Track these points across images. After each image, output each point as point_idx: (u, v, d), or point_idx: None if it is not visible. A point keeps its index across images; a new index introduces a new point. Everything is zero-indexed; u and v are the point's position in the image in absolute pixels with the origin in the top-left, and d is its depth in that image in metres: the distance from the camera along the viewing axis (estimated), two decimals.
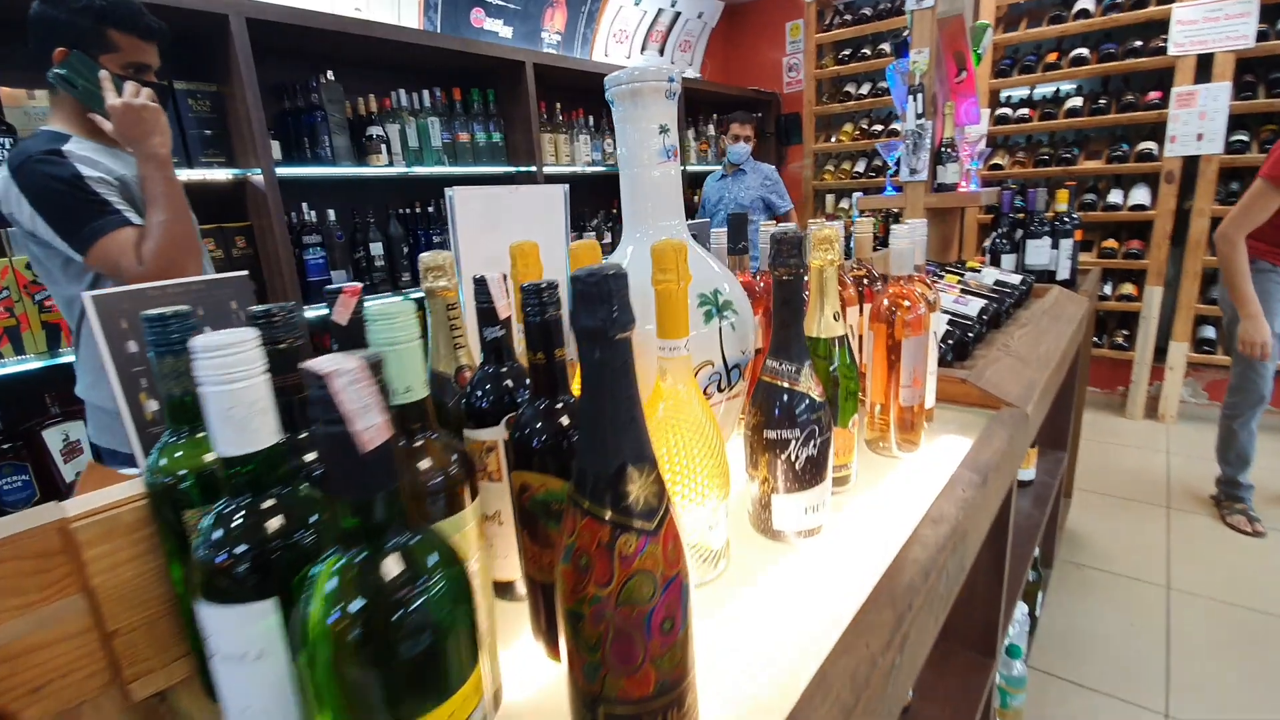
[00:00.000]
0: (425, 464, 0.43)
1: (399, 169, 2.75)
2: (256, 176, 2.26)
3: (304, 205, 2.57)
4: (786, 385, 0.67)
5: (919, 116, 1.96)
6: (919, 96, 1.93)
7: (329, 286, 0.57)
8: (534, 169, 3.11)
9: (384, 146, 2.70)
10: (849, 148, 4.34)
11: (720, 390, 0.76)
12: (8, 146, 1.86)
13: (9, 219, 1.35)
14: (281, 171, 2.34)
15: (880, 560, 0.67)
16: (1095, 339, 3.64)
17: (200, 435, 0.51)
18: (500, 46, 3.06)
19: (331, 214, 2.61)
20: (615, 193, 3.52)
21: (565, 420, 0.52)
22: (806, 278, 0.82)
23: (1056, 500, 2.01)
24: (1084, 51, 3.50)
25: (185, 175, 2.16)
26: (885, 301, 0.88)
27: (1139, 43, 3.39)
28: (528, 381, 0.64)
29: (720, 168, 3.60)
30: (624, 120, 0.75)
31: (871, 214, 2.46)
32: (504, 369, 0.62)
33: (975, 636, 1.19)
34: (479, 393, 0.61)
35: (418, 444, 0.44)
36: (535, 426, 0.51)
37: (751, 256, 1.07)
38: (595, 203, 3.80)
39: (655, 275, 0.58)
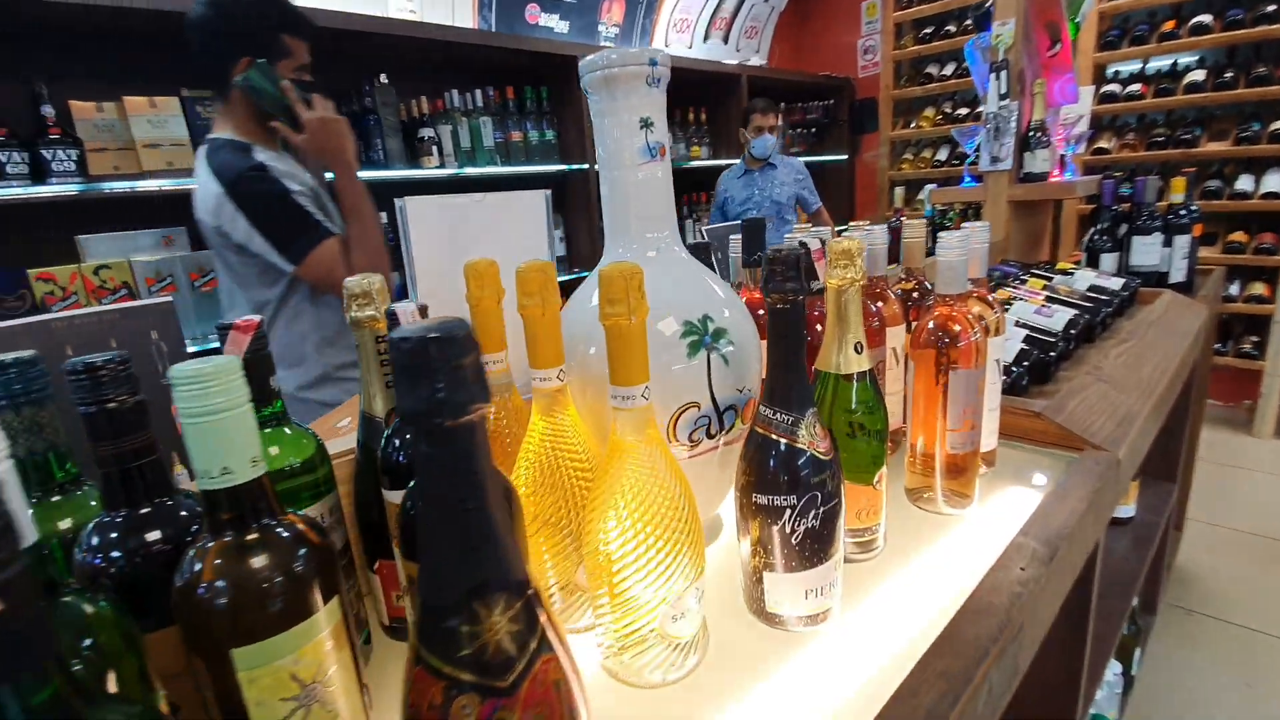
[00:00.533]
0: (250, 566, 0.34)
1: (451, 170, 2.74)
2: None
3: None
4: (782, 439, 0.54)
5: (1002, 97, 1.72)
6: (1003, 74, 1.70)
7: (220, 321, 0.49)
8: (586, 166, 3.03)
9: (435, 148, 2.70)
10: (929, 134, 4.01)
11: (710, 436, 0.63)
12: (74, 159, 1.95)
13: (215, 231, 1.37)
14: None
15: (905, 660, 0.52)
16: (1218, 345, 3.19)
17: (55, 499, 0.44)
18: (551, 42, 2.99)
19: (384, 217, 2.62)
20: (682, 189, 3.32)
21: None
22: (813, 302, 0.68)
23: (1163, 540, 1.73)
24: (1206, 19, 3.06)
25: None
26: (931, 324, 0.72)
27: (1271, 7, 2.92)
28: None
29: (739, 162, 3.27)
30: (600, 114, 0.63)
31: (947, 208, 2.22)
32: None
33: (1045, 716, 1.00)
34: (396, 442, 0.51)
35: (249, 538, 0.35)
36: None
37: None
38: None
39: (602, 308, 0.47)
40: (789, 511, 0.53)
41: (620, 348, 0.48)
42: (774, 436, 0.54)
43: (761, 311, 0.81)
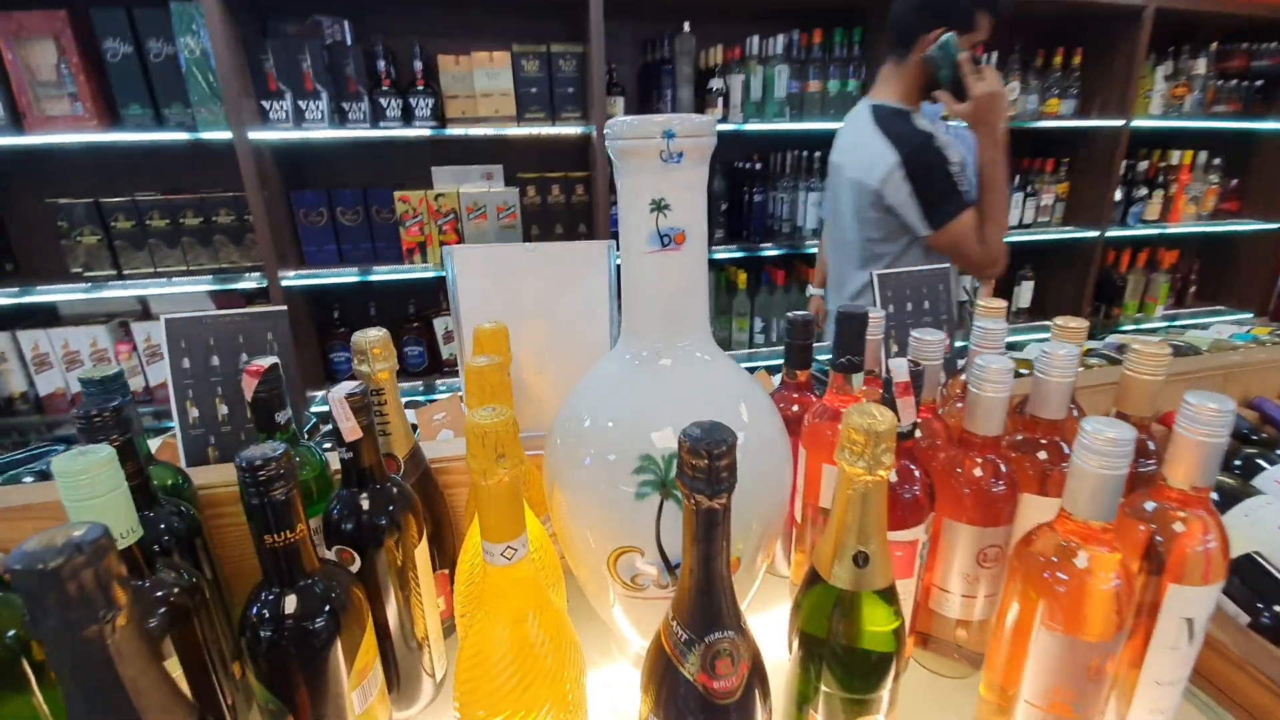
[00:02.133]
0: None
1: (733, 125, 2.65)
2: (594, 133, 2.46)
3: None
4: (671, 655, 0.43)
5: None
6: None
7: (242, 363, 0.58)
8: None
9: (721, 100, 2.63)
10: None
11: (659, 586, 0.53)
12: (431, 106, 2.40)
13: (871, 190, 1.51)
14: None
15: None
16: None
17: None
18: None
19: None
20: (1012, 151, 2.44)
21: (274, 614, 0.43)
22: (902, 448, 0.51)
23: None
24: None
25: (546, 130, 2.49)
26: (1046, 540, 0.47)
27: None
28: (390, 507, 0.55)
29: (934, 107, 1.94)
30: (619, 188, 0.54)
31: None
32: (361, 492, 0.55)
33: None
34: (334, 514, 0.55)
35: None
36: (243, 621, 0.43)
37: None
38: None
39: (468, 459, 0.42)
40: None
41: (482, 504, 0.43)
42: (665, 648, 0.43)
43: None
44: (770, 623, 0.70)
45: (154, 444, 0.83)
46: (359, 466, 0.53)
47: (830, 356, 0.63)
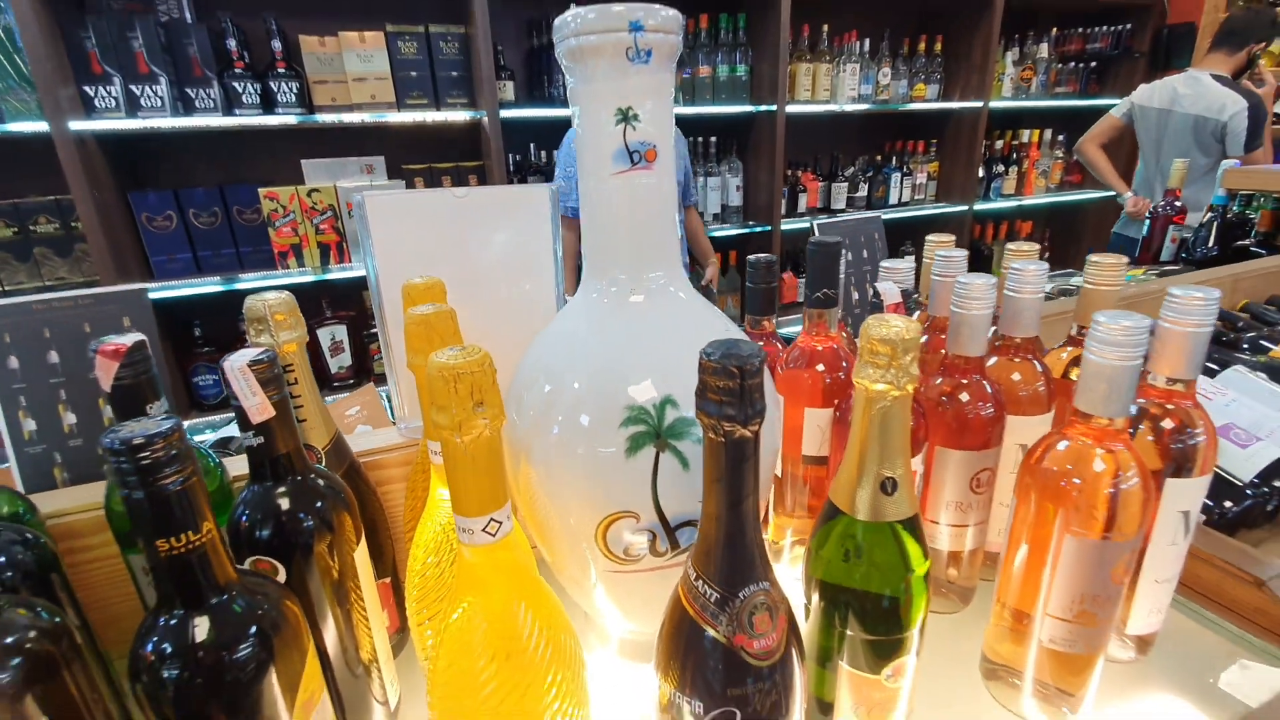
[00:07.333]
0: None
1: None
2: (486, 119, 2.34)
3: (532, 146, 2.62)
4: (699, 620, 0.36)
5: None
6: None
7: (92, 344, 0.44)
8: (775, 108, 2.71)
9: None
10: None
11: (656, 554, 0.47)
12: (295, 90, 2.18)
13: (1214, 123, 2.35)
14: (510, 114, 2.39)
15: None
16: None
17: None
18: None
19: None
20: (887, 134, 2.96)
21: (182, 646, 0.32)
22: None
23: None
24: None
25: (430, 116, 2.33)
26: (1060, 447, 0.45)
27: None
28: (318, 504, 0.45)
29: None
30: (575, 97, 0.46)
31: (1257, 196, 1.56)
32: (278, 486, 0.43)
33: None
34: (243, 520, 0.43)
35: None
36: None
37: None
38: (857, 148, 3.22)
39: (426, 414, 0.33)
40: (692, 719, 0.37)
41: (451, 468, 0.34)
42: (690, 613, 0.37)
43: (821, 366, 0.60)
44: None
45: None
46: (273, 454, 0.42)
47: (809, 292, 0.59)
